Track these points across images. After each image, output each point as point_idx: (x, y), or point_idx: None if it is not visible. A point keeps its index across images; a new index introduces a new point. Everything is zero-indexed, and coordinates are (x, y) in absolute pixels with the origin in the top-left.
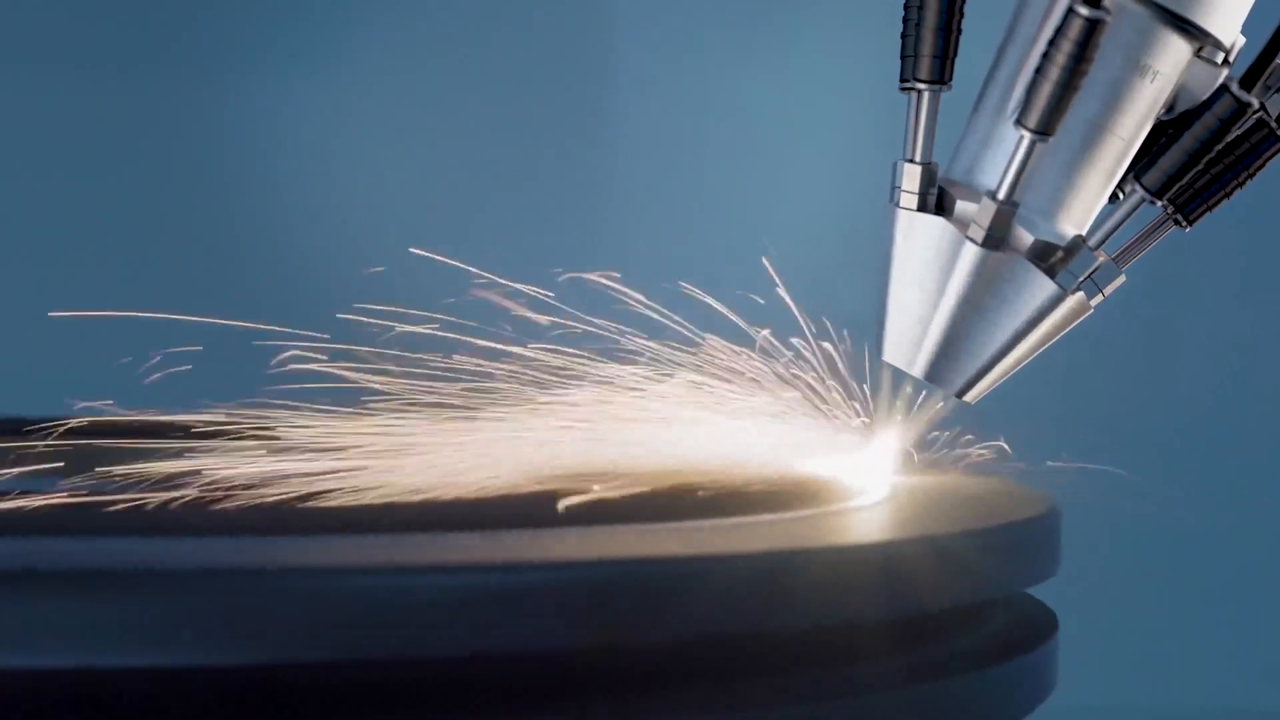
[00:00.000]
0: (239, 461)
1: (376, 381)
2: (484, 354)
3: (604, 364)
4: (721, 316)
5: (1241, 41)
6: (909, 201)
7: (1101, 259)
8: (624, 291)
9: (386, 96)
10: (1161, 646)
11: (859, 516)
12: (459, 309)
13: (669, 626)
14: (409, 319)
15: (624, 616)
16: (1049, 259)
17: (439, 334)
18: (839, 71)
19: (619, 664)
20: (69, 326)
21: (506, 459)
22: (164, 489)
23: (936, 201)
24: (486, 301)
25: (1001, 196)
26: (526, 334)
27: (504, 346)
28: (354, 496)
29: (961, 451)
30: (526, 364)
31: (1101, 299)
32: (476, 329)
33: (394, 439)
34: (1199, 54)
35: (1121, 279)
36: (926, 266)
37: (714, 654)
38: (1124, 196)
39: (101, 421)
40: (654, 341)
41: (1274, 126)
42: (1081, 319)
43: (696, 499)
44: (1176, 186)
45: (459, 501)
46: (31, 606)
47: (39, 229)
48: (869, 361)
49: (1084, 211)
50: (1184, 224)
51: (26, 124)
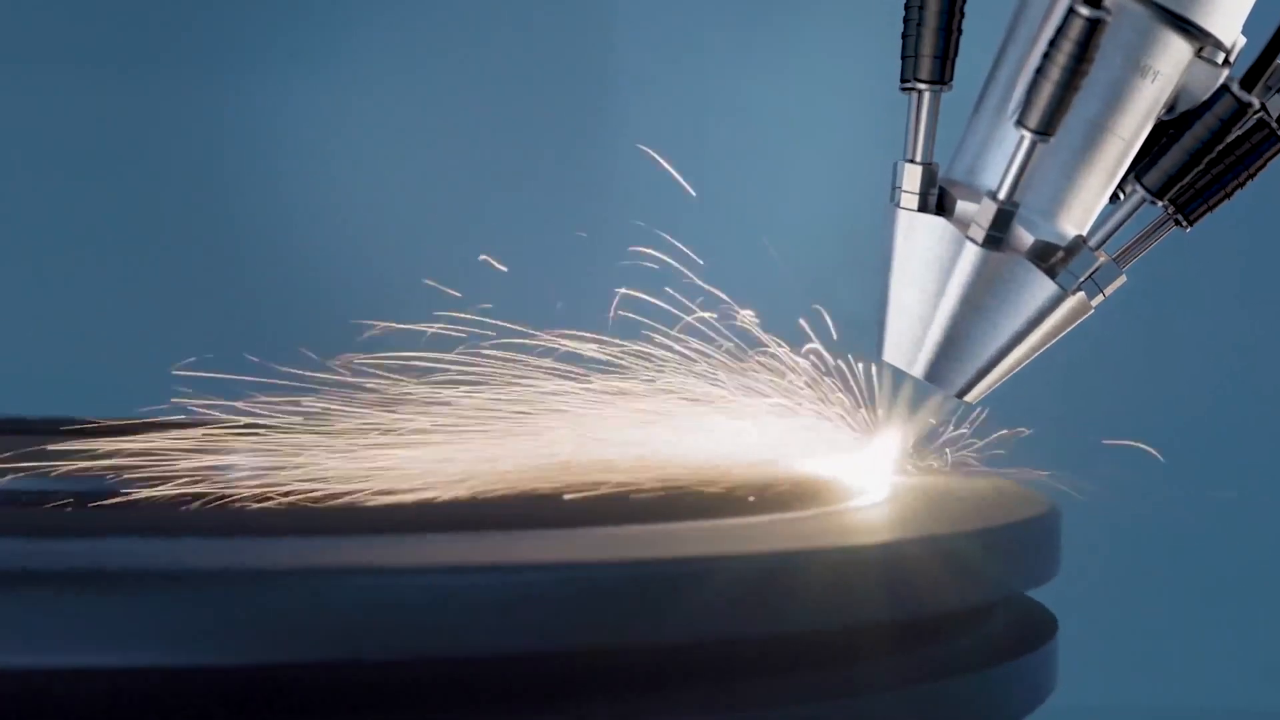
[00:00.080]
0: (239, 461)
1: (378, 381)
2: (483, 354)
3: (603, 364)
4: (721, 315)
5: (1242, 42)
6: (910, 202)
7: (1102, 259)
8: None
9: (386, 96)
10: (1161, 646)
11: (859, 517)
12: (460, 308)
13: (669, 627)
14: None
15: (624, 617)
16: (1049, 259)
17: (440, 333)
18: (839, 71)
19: (619, 664)
20: (69, 326)
21: (506, 459)
22: (164, 488)
23: (937, 202)
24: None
25: (1002, 197)
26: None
27: (501, 351)
28: (354, 497)
29: (963, 451)
30: (526, 363)
31: (1102, 299)
32: (477, 330)
33: (394, 439)
34: (1199, 54)
35: (1122, 279)
36: (927, 267)
37: (714, 654)
38: (1125, 197)
39: (101, 421)
40: (654, 341)
41: (1274, 127)
42: (1082, 319)
43: (696, 499)
44: (1177, 187)
45: (458, 502)
46: (31, 606)
47: (39, 229)
48: (868, 361)
49: (1085, 212)
50: (1184, 224)
51: (26, 124)
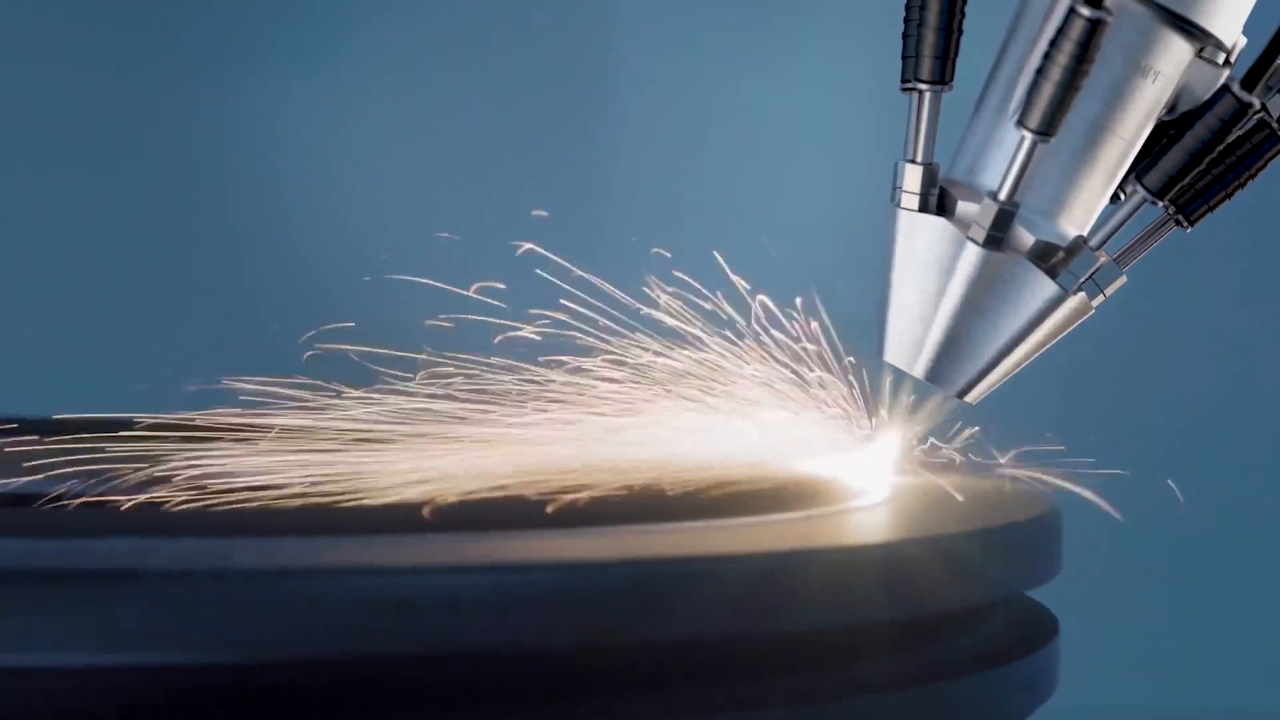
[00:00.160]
0: (239, 462)
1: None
2: (484, 355)
3: (604, 363)
4: (720, 317)
5: (1243, 42)
6: (910, 202)
7: (1103, 259)
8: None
9: (386, 96)
10: (1161, 646)
11: (859, 517)
12: (458, 306)
13: (669, 627)
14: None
15: (624, 617)
16: (1050, 259)
17: (442, 329)
18: (839, 71)
19: (619, 664)
20: (69, 326)
21: (506, 459)
22: (164, 490)
23: (938, 202)
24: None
25: (1003, 197)
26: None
27: (496, 352)
28: (353, 497)
29: (962, 450)
30: (527, 363)
31: (1103, 299)
32: (477, 330)
33: (394, 439)
34: (1200, 54)
35: (1123, 279)
36: (927, 267)
37: (714, 655)
38: (1125, 197)
39: (101, 422)
40: (655, 342)
41: (1275, 127)
42: (1083, 319)
43: (697, 499)
44: (1178, 187)
45: (458, 502)
46: (31, 606)
47: (39, 229)
48: (869, 361)
49: (1085, 212)
50: (1185, 224)
51: (26, 124)
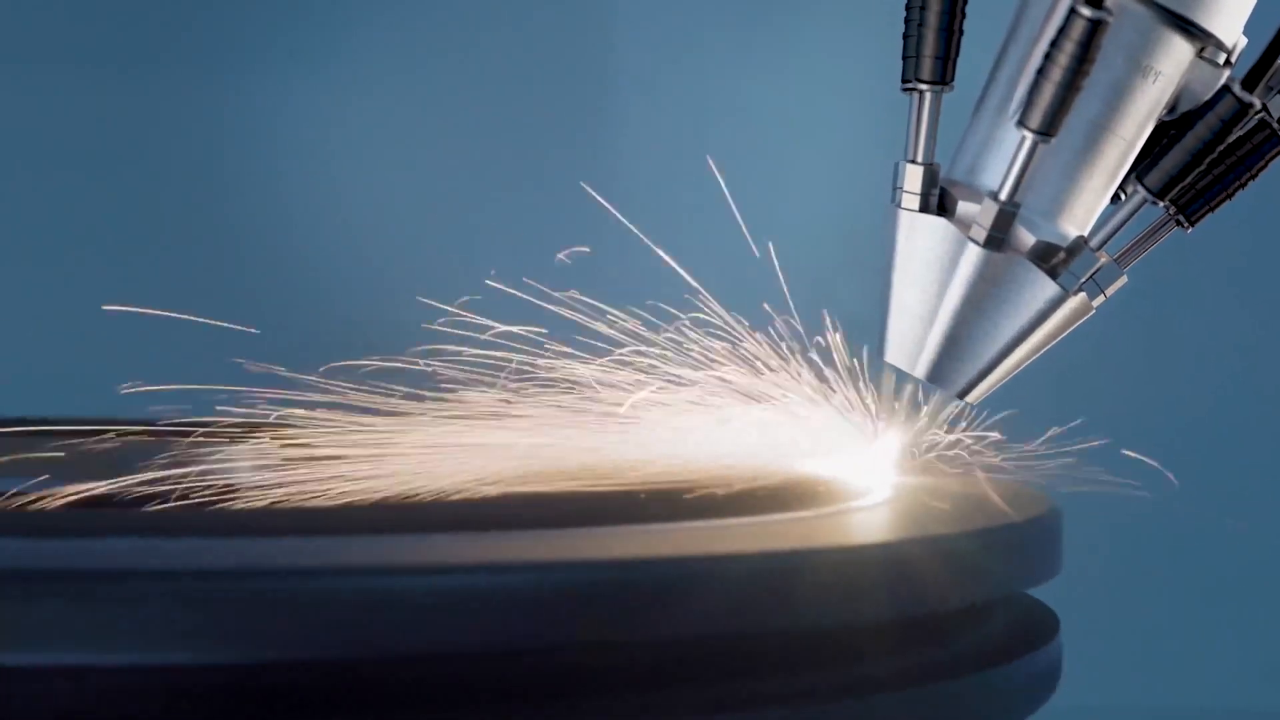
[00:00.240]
0: (239, 461)
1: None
2: (482, 356)
3: (605, 363)
4: (719, 316)
5: (1243, 42)
6: (911, 202)
7: (1103, 260)
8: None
9: (386, 96)
10: (1161, 646)
11: (860, 517)
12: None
13: (669, 627)
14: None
15: (625, 617)
16: (1051, 260)
17: (443, 329)
18: (839, 71)
19: (619, 664)
20: (69, 326)
21: (505, 460)
22: (164, 489)
23: (938, 202)
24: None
25: (1003, 197)
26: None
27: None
28: (353, 497)
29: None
30: (528, 362)
31: (1103, 300)
32: (478, 331)
33: (395, 439)
34: (1201, 55)
35: (1123, 280)
36: (928, 267)
37: (714, 655)
38: (1126, 197)
39: (101, 422)
40: (656, 342)
41: (1276, 127)
42: (1083, 320)
43: (697, 499)
44: (1178, 187)
45: (458, 502)
46: (31, 606)
47: (39, 229)
48: (869, 361)
49: (1086, 212)
50: (1186, 225)
51: (26, 124)
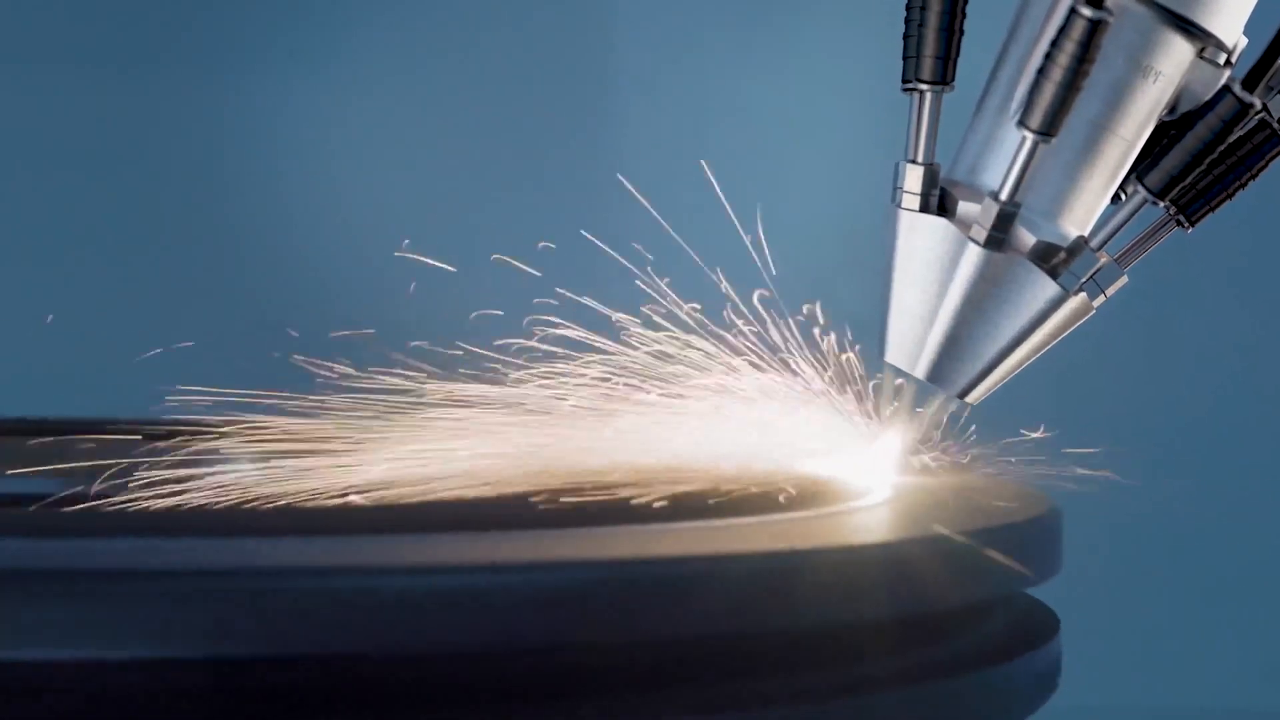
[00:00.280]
0: (239, 462)
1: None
2: (486, 355)
3: (607, 364)
4: (720, 317)
5: (1244, 42)
6: (911, 202)
7: (1104, 260)
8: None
9: (386, 96)
10: (1161, 646)
11: (860, 517)
12: (457, 311)
13: (669, 627)
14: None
15: (624, 617)
16: (1051, 260)
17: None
18: (839, 71)
19: (619, 664)
20: (69, 326)
21: (506, 460)
22: (163, 489)
23: (939, 202)
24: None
25: (1004, 197)
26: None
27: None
28: (352, 497)
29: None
30: (529, 362)
31: (1104, 300)
32: (478, 330)
33: (395, 439)
34: (1201, 55)
35: (1124, 280)
36: (928, 267)
37: (714, 655)
38: (1126, 197)
39: (101, 422)
40: (656, 342)
41: (1276, 127)
42: (1083, 320)
43: (698, 500)
44: (1179, 187)
45: (458, 502)
46: (31, 606)
47: (39, 229)
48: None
49: (1086, 212)
50: (1186, 225)
51: (26, 124)
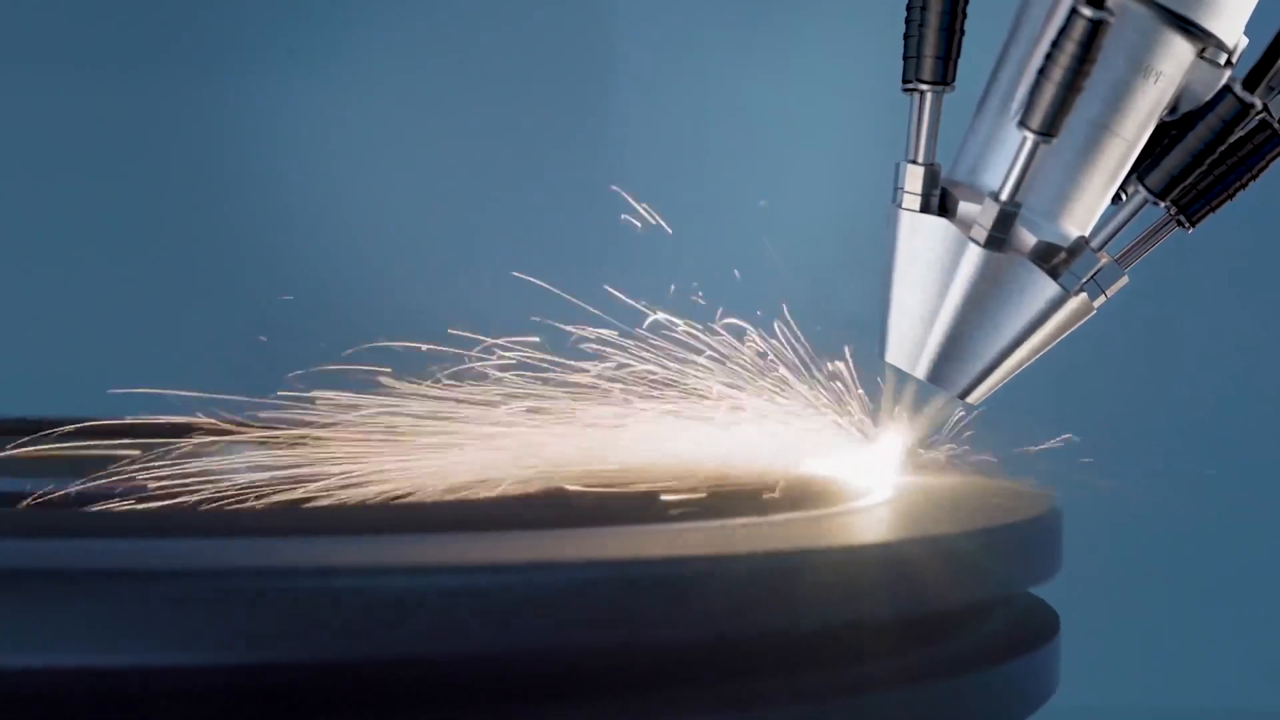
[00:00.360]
0: (239, 462)
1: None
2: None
3: (608, 366)
4: (719, 316)
5: (1244, 42)
6: (912, 203)
7: (1104, 260)
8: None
9: (386, 96)
10: (1161, 646)
11: (860, 517)
12: (455, 312)
13: (669, 627)
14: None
15: (624, 617)
16: (1052, 260)
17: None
18: (839, 71)
19: (619, 664)
20: (69, 326)
21: (508, 460)
22: (164, 490)
23: (939, 202)
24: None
25: (1004, 197)
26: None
27: (507, 354)
28: (355, 497)
29: (966, 451)
30: (532, 363)
31: (1104, 300)
32: (477, 330)
33: (395, 439)
34: (1202, 55)
35: (1124, 280)
36: (929, 268)
37: (714, 655)
38: (1127, 198)
39: (100, 422)
40: (658, 343)
41: (1277, 127)
42: (1084, 320)
43: (699, 500)
44: (1179, 188)
45: (458, 502)
46: (30, 606)
47: (39, 229)
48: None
49: (1087, 212)
50: (1187, 225)
51: (26, 124)
